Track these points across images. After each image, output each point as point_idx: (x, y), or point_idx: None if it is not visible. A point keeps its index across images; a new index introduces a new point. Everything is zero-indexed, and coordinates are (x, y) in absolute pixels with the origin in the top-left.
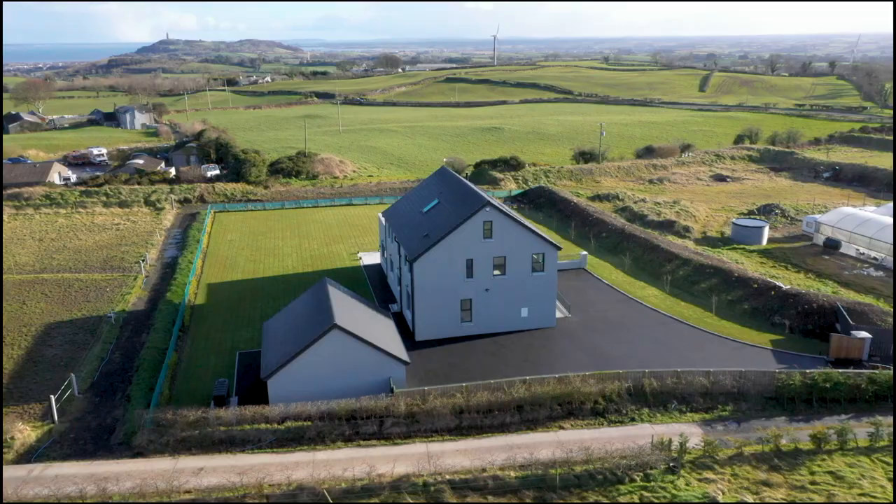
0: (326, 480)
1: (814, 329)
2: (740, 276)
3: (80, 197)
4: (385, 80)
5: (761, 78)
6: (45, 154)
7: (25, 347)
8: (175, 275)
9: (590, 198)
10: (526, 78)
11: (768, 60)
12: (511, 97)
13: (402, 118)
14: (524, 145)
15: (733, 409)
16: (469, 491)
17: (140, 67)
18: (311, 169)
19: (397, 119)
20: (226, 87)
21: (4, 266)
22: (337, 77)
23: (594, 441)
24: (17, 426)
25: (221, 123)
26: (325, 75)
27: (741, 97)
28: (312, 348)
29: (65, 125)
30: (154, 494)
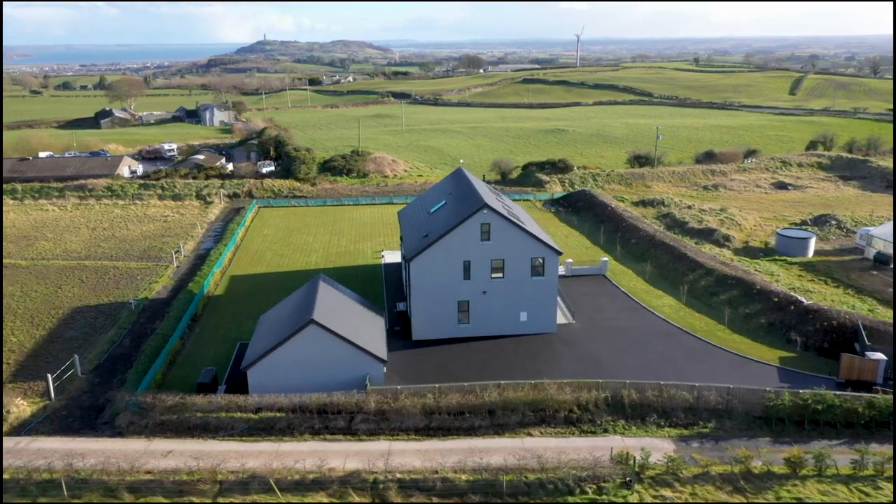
0: (280, 471)
1: (830, 348)
2: (762, 288)
3: (138, 189)
4: (463, 80)
5: (860, 80)
6: (123, 148)
7: (48, 328)
8: (203, 266)
9: (634, 203)
10: (605, 79)
11: (873, 61)
12: (586, 99)
13: (469, 119)
14: (585, 148)
15: (715, 426)
16: (416, 491)
17: (236, 67)
18: (363, 167)
19: (464, 119)
20: (307, 86)
21: (55, 252)
22: (417, 77)
23: (559, 450)
24: (15, 401)
25: (294, 122)
26: (405, 75)
27: (833, 101)
28: (290, 342)
29: (151, 121)
30: (115, 472)
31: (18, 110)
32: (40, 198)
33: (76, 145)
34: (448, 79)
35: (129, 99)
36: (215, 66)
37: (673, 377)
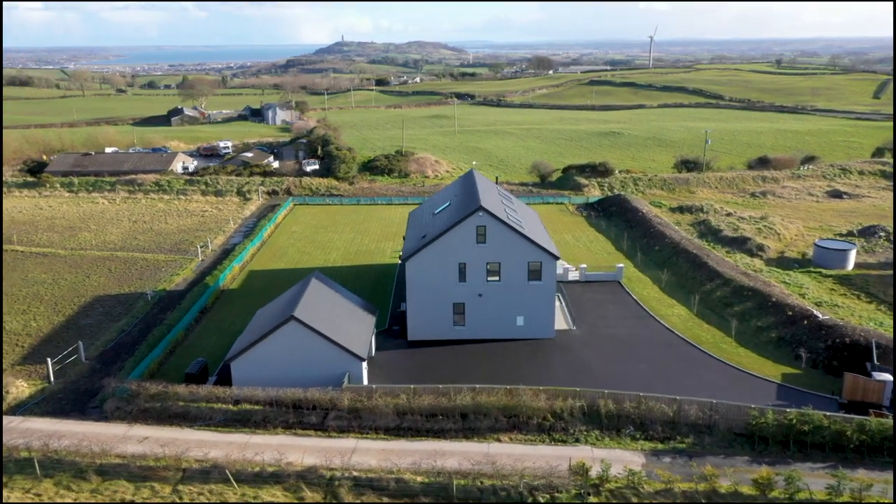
0: (240, 462)
1: (839, 366)
2: (778, 301)
3: (183, 185)
4: (529, 81)
5: None
6: (184, 145)
7: (67, 315)
8: (225, 260)
9: (671, 209)
10: (675, 81)
11: None
12: (651, 101)
13: (527, 120)
14: (638, 151)
15: (693, 441)
16: (370, 490)
17: (313, 67)
18: (404, 167)
19: (521, 121)
20: (374, 87)
21: (94, 243)
22: (484, 78)
23: (523, 457)
24: (16, 382)
25: (352, 121)
26: (472, 76)
27: None
28: (271, 337)
29: (218, 119)
30: (87, 455)
31: (101, 108)
32: (93, 191)
33: (137, 141)
34: (514, 80)
35: (201, 98)
36: (293, 66)
37: (662, 389)
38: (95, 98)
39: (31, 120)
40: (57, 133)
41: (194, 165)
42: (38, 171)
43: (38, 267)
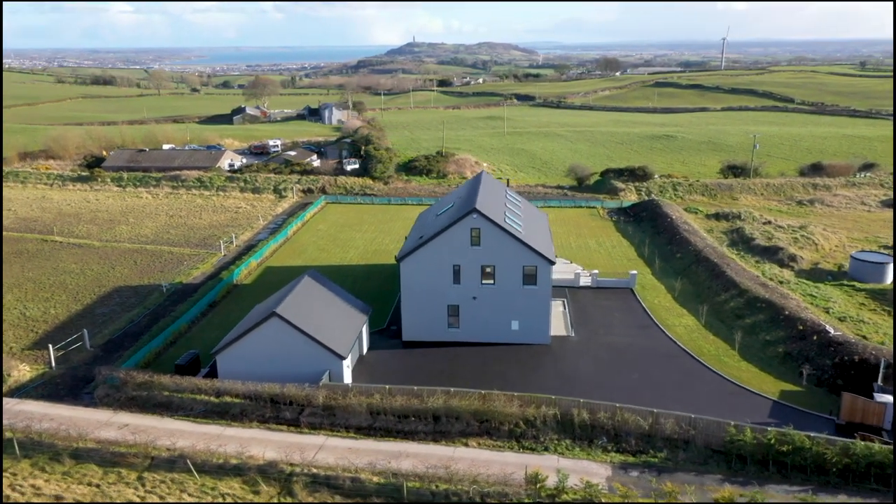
0: (207, 453)
1: (844, 385)
2: (791, 314)
3: (224, 182)
4: (593, 83)
5: None
6: (238, 143)
7: (85, 304)
8: (244, 256)
9: (707, 215)
10: (745, 84)
11: None
12: (716, 104)
13: (581, 122)
14: (689, 156)
15: (667, 456)
16: (325, 488)
17: (383, 68)
18: (443, 168)
19: (575, 123)
20: (435, 87)
21: (128, 236)
22: (549, 80)
23: (489, 463)
24: (18, 366)
25: (406, 121)
26: (536, 77)
27: None
28: (254, 332)
29: (277, 119)
30: (65, 438)
31: (172, 106)
32: (140, 186)
33: (194, 139)
34: (577, 82)
35: (264, 98)
36: (363, 67)
37: (648, 401)
38: (170, 97)
39: (106, 117)
40: (119, 130)
41: (240, 163)
42: (96, 166)
43: (71, 257)
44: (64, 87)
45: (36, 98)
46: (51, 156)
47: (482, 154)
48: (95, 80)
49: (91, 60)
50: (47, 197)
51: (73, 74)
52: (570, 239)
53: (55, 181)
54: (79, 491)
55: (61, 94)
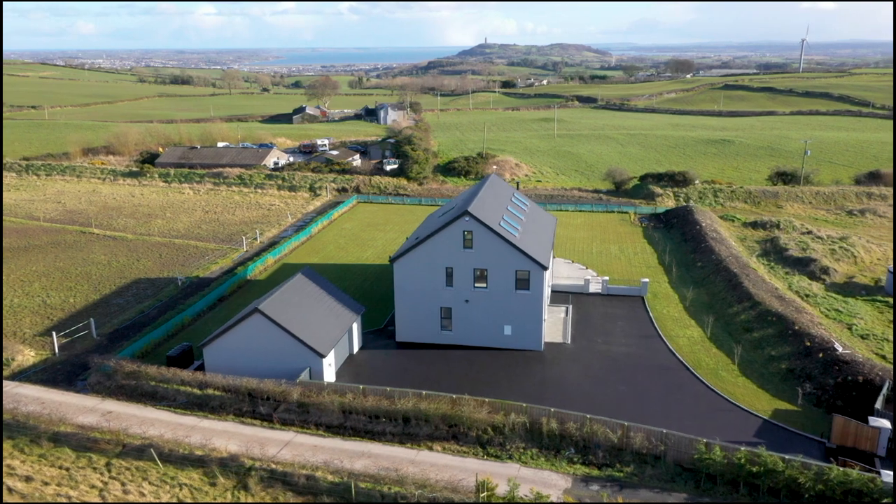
0: (174, 443)
1: (844, 406)
2: (800, 330)
3: (263, 179)
4: (660, 85)
5: None
6: (291, 142)
7: (103, 294)
8: (263, 252)
9: (744, 223)
10: (820, 87)
11: None
12: (786, 107)
13: (637, 125)
14: (744, 161)
15: (633, 471)
16: (279, 483)
17: (453, 69)
18: (482, 170)
19: (630, 126)
20: (497, 89)
21: (162, 229)
22: (615, 82)
23: (447, 468)
24: (24, 351)
25: (459, 122)
26: (603, 79)
27: None
28: (237, 327)
29: (335, 118)
30: (47, 421)
31: (240, 105)
32: (184, 182)
33: (247, 137)
34: (644, 84)
35: (324, 98)
36: (433, 68)
37: (630, 413)
38: (240, 96)
39: (175, 115)
40: (177, 128)
41: (285, 161)
42: (150, 162)
43: (103, 249)
44: (143, 87)
45: (115, 96)
46: (111, 151)
47: (525, 156)
48: (174, 79)
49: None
50: (97, 191)
51: (154, 74)
52: (593, 244)
53: (108, 176)
54: (48, 473)
55: (140, 92)
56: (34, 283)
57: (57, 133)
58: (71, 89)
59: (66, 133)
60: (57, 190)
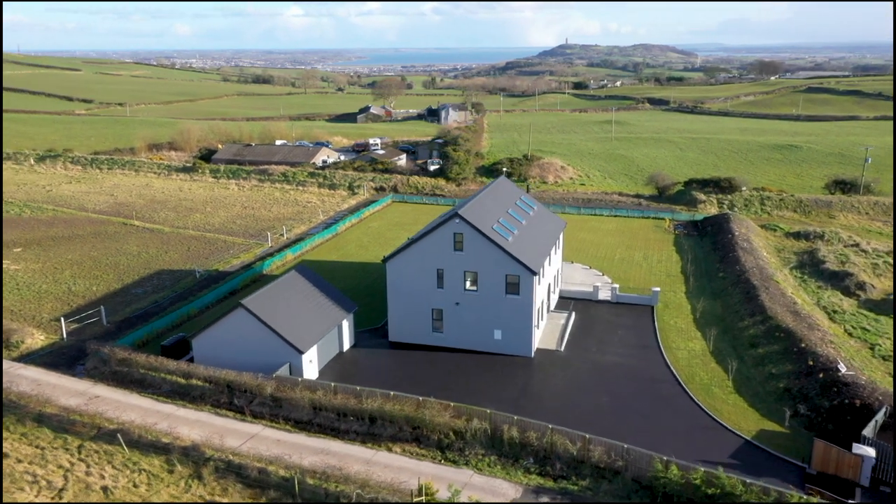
0: (144, 429)
1: (836, 430)
2: (806, 348)
3: (306, 177)
4: (738, 88)
5: None
6: (346, 141)
7: (125, 284)
8: (286, 248)
9: (788, 233)
10: None
11: None
12: (871, 112)
13: (703, 129)
14: (808, 168)
15: (588, 485)
16: (232, 475)
17: (531, 70)
18: (525, 172)
19: (695, 130)
20: (568, 90)
21: (197, 223)
22: (693, 83)
23: (401, 470)
24: (35, 334)
25: (519, 123)
26: (680, 81)
27: None
28: (222, 320)
29: (398, 118)
30: (33, 401)
31: (312, 104)
32: (232, 178)
33: (295, 135)
34: (722, 86)
35: (390, 97)
36: (511, 68)
37: (606, 426)
38: (315, 95)
39: (247, 113)
40: (237, 125)
41: (333, 159)
42: (207, 158)
43: (137, 240)
44: (225, 86)
45: (197, 95)
46: (174, 147)
47: (576, 158)
48: (256, 79)
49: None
50: (150, 185)
51: (239, 74)
52: (617, 251)
53: (162, 171)
54: (24, 451)
55: (220, 91)
56: (65, 270)
57: (131, 129)
58: (158, 87)
59: (140, 129)
60: (113, 183)
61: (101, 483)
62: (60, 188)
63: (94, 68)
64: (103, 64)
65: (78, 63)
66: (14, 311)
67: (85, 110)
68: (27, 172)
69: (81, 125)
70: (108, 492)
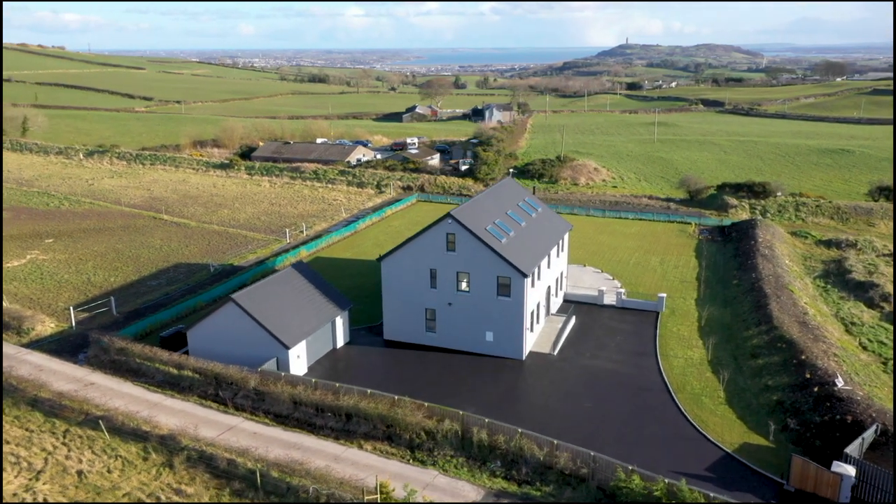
0: (127, 417)
1: (823, 447)
2: (806, 360)
3: (336, 175)
4: (798, 89)
5: None
6: (387, 140)
7: (142, 275)
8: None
9: (819, 241)
10: None
11: None
12: None
13: (752, 132)
14: (858, 173)
15: (551, 492)
16: (202, 464)
17: (588, 70)
18: (556, 174)
19: (745, 132)
20: (620, 91)
21: (223, 219)
22: (753, 85)
23: (367, 468)
24: (46, 322)
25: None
26: (738, 82)
27: None
28: (214, 314)
29: (443, 118)
30: (30, 385)
31: (362, 103)
32: (264, 175)
33: (333, 134)
34: (782, 87)
35: (437, 97)
36: (568, 69)
37: (582, 432)
38: (367, 94)
39: (297, 112)
40: (280, 123)
41: (368, 158)
42: (247, 155)
43: (162, 234)
44: (281, 84)
45: (252, 93)
46: (218, 144)
47: (612, 160)
48: (312, 78)
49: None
50: (186, 181)
51: (297, 73)
52: (634, 255)
53: (200, 167)
54: (13, 433)
55: (275, 90)
56: (89, 261)
57: (181, 126)
58: (216, 86)
59: (189, 126)
60: (152, 178)
61: (78, 467)
62: (102, 182)
63: (158, 67)
64: (167, 63)
65: (143, 62)
66: (32, 300)
67: (144, 108)
68: (75, 167)
69: (136, 122)
70: (82, 475)
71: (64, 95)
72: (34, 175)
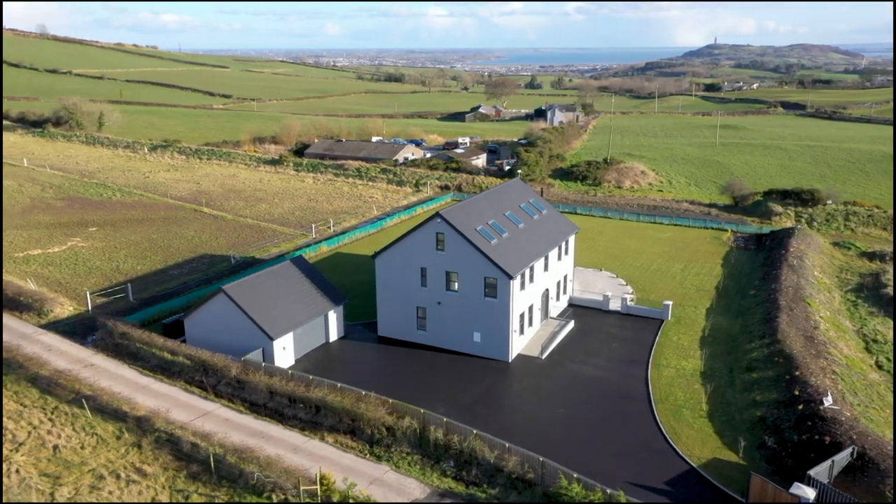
0: (111, 397)
1: (795, 467)
2: (799, 376)
3: (377, 173)
4: (889, 92)
5: None
6: (441, 139)
7: (167, 265)
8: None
9: (862, 253)
10: None
11: None
12: None
13: (826, 136)
14: None
15: (496, 495)
16: (168, 446)
17: (671, 71)
18: (601, 176)
19: (818, 136)
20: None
21: (259, 213)
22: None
23: (322, 459)
24: (65, 304)
25: (629, 126)
26: (826, 84)
27: None
28: (207, 304)
29: (506, 118)
30: (34, 363)
31: (431, 102)
32: (310, 172)
33: (386, 132)
34: (875, 90)
35: (503, 97)
36: (650, 69)
37: (546, 438)
38: (438, 94)
39: (364, 110)
40: (337, 121)
41: (417, 157)
42: (301, 152)
43: (198, 225)
44: (357, 83)
45: (327, 92)
46: (276, 141)
47: (664, 163)
48: (388, 77)
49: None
50: (235, 175)
51: (374, 72)
52: (656, 261)
53: (252, 163)
54: (8, 407)
55: (350, 88)
56: (122, 250)
57: (248, 122)
58: (294, 84)
59: (252, 123)
60: (204, 173)
61: (56, 442)
62: (157, 175)
63: (241, 66)
64: (251, 62)
65: (229, 61)
66: (61, 283)
67: (221, 105)
68: (138, 160)
69: (207, 118)
70: (57, 450)
71: (147, 92)
72: (98, 167)
